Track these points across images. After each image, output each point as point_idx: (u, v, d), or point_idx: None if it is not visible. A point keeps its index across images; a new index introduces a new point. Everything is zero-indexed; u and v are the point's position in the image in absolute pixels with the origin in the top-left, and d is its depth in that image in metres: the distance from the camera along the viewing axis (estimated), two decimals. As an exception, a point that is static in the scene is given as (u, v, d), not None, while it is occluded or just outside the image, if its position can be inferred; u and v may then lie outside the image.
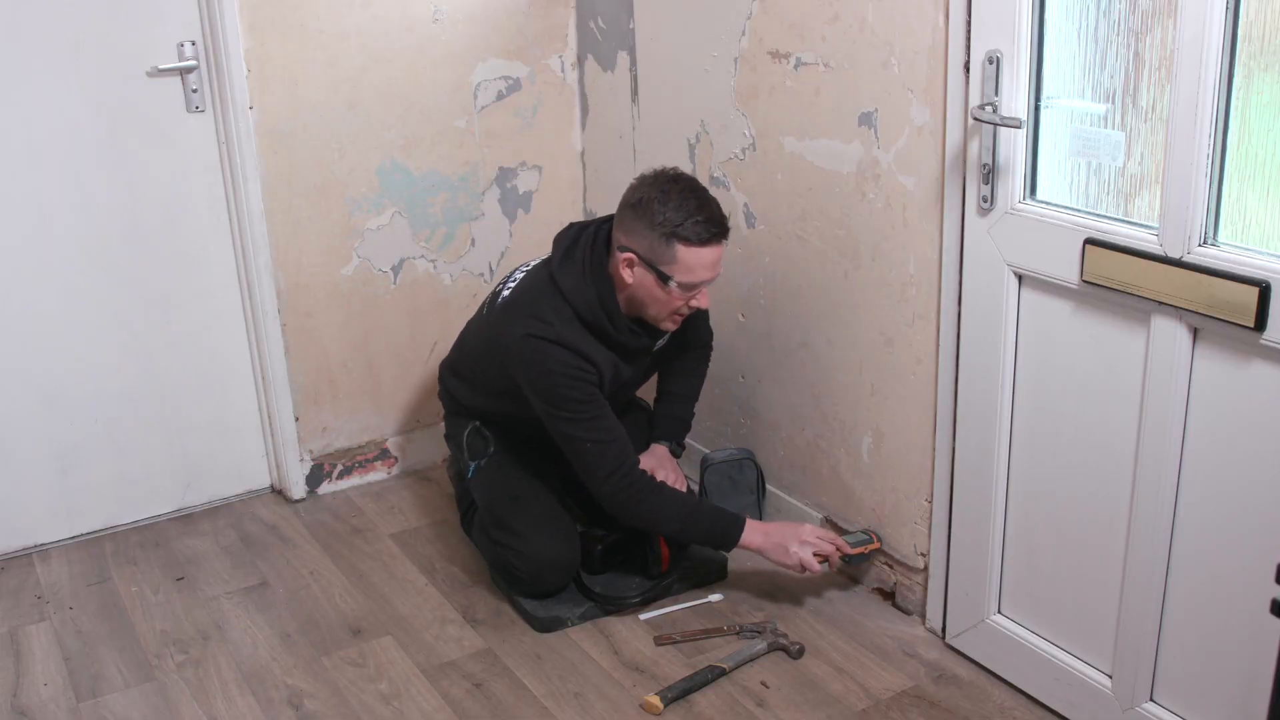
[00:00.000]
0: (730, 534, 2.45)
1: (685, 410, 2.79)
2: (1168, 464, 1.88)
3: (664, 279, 2.32)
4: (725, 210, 2.38)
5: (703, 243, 2.29)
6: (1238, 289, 1.69)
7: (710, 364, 2.83)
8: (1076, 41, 1.93)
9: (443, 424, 2.86)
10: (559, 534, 2.53)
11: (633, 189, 2.37)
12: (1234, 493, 1.81)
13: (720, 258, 2.35)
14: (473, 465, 2.66)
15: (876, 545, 2.51)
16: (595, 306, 2.38)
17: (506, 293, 2.51)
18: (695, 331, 2.69)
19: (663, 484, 2.45)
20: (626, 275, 2.35)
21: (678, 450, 2.76)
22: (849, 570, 2.63)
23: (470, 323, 2.75)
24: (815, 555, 2.44)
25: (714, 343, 2.83)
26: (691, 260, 2.30)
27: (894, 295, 2.37)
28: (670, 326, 2.44)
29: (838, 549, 2.47)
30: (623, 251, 2.35)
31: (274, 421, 3.08)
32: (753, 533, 2.45)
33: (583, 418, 2.37)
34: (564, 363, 2.35)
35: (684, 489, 2.61)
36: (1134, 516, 1.96)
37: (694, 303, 2.37)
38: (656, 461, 2.66)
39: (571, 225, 2.51)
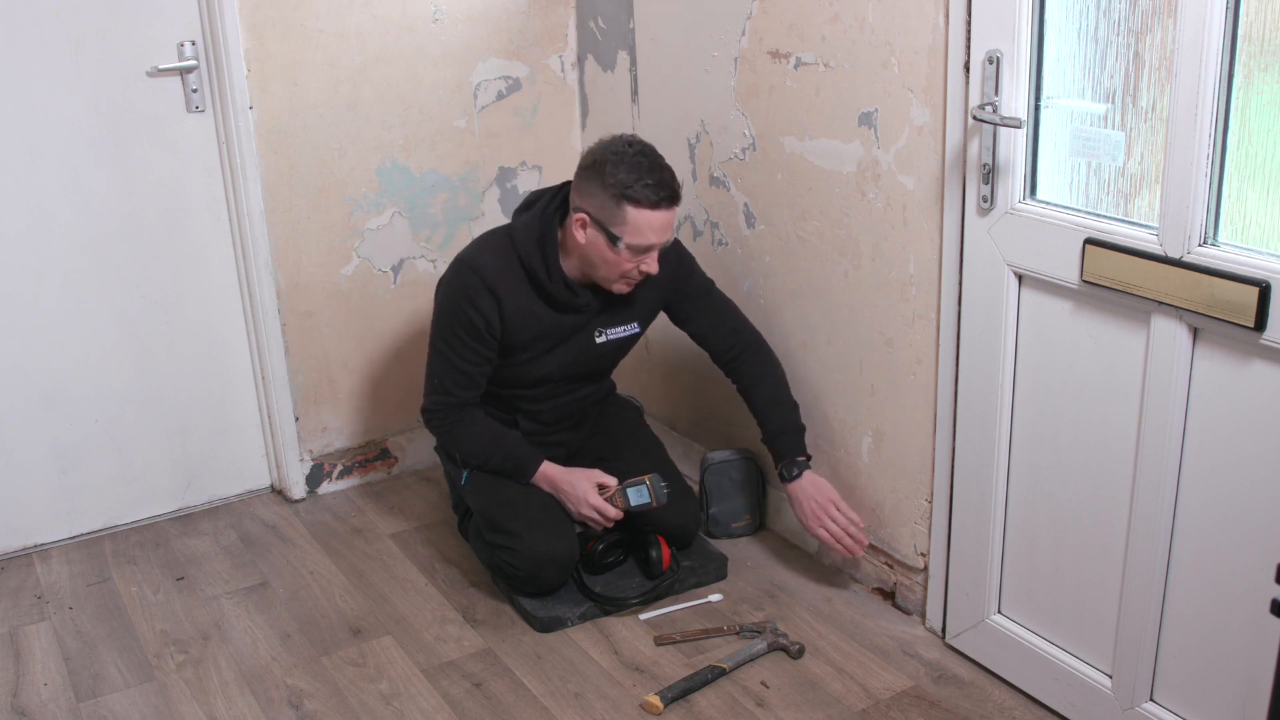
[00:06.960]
0: (524, 472, 2.58)
1: (790, 417, 2.60)
2: (1168, 464, 1.88)
3: (613, 239, 2.37)
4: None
5: (652, 206, 2.34)
6: (1238, 289, 1.69)
7: (709, 364, 2.81)
8: (1076, 41, 1.92)
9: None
10: (554, 529, 2.53)
11: (589, 152, 2.43)
12: (1234, 493, 1.81)
13: (670, 223, 2.40)
14: (465, 473, 2.66)
15: (654, 505, 2.53)
16: (534, 248, 2.45)
17: None
18: (735, 333, 2.64)
19: (477, 423, 2.57)
20: (579, 235, 2.41)
21: (806, 463, 2.58)
22: (849, 569, 2.65)
23: None
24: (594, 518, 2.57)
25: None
26: (640, 222, 2.35)
27: (894, 295, 2.37)
28: (621, 288, 2.47)
29: (613, 517, 2.55)
30: (576, 212, 2.41)
31: (274, 421, 3.08)
32: (543, 478, 2.58)
33: (446, 351, 2.51)
34: (466, 286, 2.45)
35: (847, 515, 2.52)
36: (1134, 516, 1.96)
37: (644, 267, 2.42)
38: (814, 489, 2.53)
39: (534, 191, 2.58)
